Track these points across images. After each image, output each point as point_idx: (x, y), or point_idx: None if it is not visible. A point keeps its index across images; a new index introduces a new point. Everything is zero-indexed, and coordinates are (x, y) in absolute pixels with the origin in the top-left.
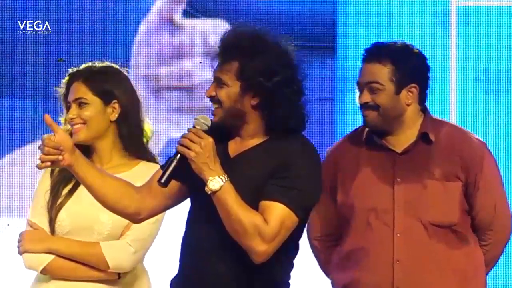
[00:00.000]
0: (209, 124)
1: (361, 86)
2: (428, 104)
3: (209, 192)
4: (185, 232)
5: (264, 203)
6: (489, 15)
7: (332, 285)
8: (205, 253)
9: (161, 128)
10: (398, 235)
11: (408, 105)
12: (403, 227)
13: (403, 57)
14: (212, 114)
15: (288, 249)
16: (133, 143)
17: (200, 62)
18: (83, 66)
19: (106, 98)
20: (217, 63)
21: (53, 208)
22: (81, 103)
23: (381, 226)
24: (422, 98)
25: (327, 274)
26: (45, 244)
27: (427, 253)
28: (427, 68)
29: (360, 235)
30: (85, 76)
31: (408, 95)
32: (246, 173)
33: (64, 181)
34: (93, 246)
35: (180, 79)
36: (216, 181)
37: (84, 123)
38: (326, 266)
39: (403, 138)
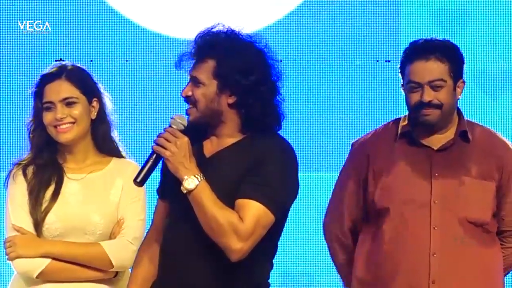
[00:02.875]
0: (186, 123)
1: (419, 84)
2: None
3: (185, 191)
4: (164, 236)
5: (240, 201)
6: (487, 14)
7: (357, 278)
8: (184, 256)
9: None
10: (435, 228)
11: (457, 101)
12: (439, 221)
13: (455, 53)
14: (187, 114)
15: (267, 249)
16: (107, 142)
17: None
18: (54, 65)
19: (90, 96)
20: (192, 62)
21: (38, 212)
22: (69, 102)
23: (418, 219)
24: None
25: (346, 273)
26: (41, 248)
27: (461, 249)
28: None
29: (396, 227)
30: (67, 75)
31: (458, 90)
32: (222, 172)
33: (43, 184)
34: (94, 246)
35: None
36: (191, 180)
37: (73, 122)
38: (347, 265)
39: (441, 136)
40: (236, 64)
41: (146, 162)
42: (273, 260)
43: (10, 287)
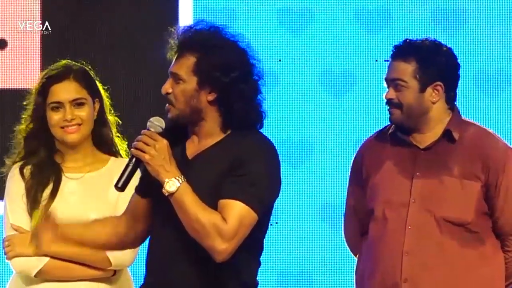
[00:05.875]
0: (163, 126)
1: (387, 82)
2: None
3: (167, 194)
4: (150, 238)
5: (222, 202)
6: (485, 13)
7: (355, 276)
8: (170, 258)
9: None
10: (410, 227)
11: (433, 103)
12: (415, 221)
13: (428, 55)
14: (167, 111)
15: (253, 247)
16: (106, 141)
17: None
18: (59, 65)
19: (94, 96)
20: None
21: (35, 211)
22: (78, 103)
23: (396, 218)
24: (449, 97)
25: None
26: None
27: (437, 248)
28: (455, 67)
29: (378, 226)
30: (74, 75)
31: (434, 93)
32: (204, 173)
33: (40, 183)
34: None
35: None
36: (172, 183)
37: (80, 124)
38: None
39: (429, 135)
40: (217, 61)
41: (126, 166)
42: (261, 258)
43: (9, 286)
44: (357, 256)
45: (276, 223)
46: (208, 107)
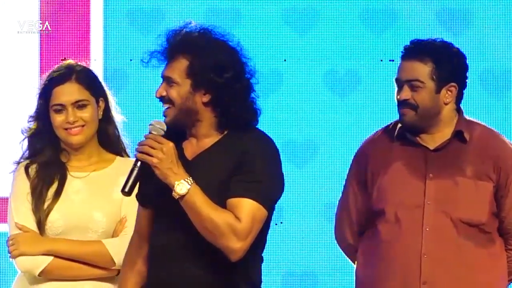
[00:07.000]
0: (165, 128)
1: (401, 83)
2: None
3: (177, 197)
4: (154, 243)
5: (232, 201)
6: (491, 13)
7: (356, 277)
8: (176, 260)
9: None
10: (427, 229)
11: (446, 104)
12: (432, 222)
13: (444, 56)
14: (164, 115)
15: (258, 246)
16: (112, 140)
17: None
18: (62, 66)
19: (98, 96)
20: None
21: (40, 210)
22: (81, 105)
23: (411, 220)
24: (459, 98)
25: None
26: (43, 246)
27: (454, 249)
28: (466, 68)
29: (390, 228)
30: (76, 76)
31: (447, 94)
32: (206, 173)
33: (46, 182)
34: (96, 244)
35: None
36: (183, 185)
37: (83, 125)
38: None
39: (438, 136)
40: (209, 62)
41: (132, 171)
42: (266, 258)
43: (14, 286)
44: (357, 259)
45: (281, 222)
46: (203, 108)
